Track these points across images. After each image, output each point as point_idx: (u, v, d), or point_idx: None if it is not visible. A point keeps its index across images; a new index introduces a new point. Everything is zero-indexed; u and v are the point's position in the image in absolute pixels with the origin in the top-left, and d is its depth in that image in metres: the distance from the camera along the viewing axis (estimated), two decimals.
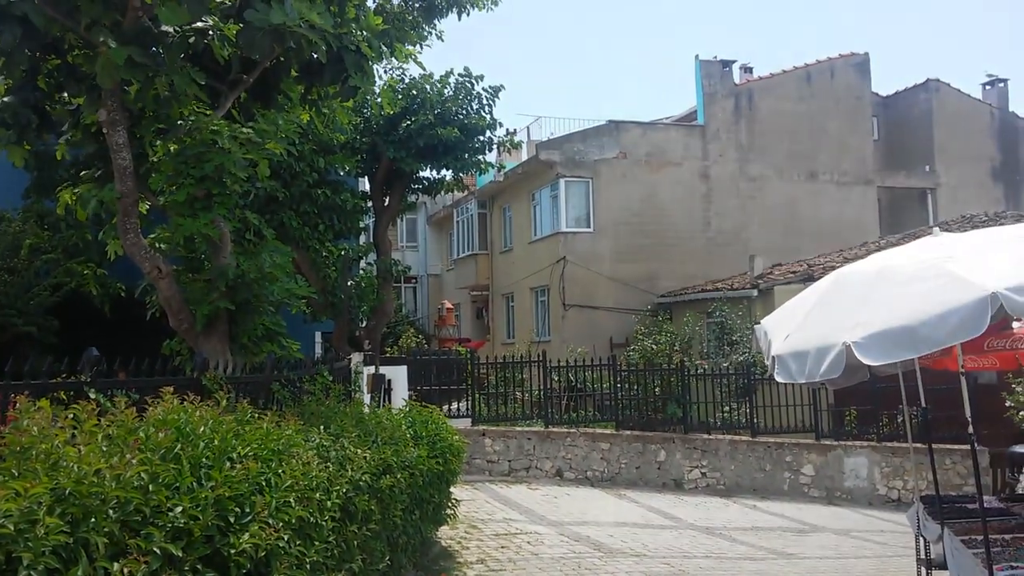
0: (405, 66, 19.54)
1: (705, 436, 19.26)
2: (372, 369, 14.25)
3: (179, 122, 10.77)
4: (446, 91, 19.84)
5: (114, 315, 17.93)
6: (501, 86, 20.40)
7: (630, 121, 29.11)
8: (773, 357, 6.89)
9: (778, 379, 6.81)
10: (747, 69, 31.98)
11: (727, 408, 20.19)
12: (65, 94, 11.59)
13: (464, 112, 19.84)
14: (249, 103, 12.33)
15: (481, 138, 20.35)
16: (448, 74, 20.02)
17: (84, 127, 11.51)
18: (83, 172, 12.95)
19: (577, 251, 27.91)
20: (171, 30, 9.99)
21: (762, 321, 8.20)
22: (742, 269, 27.23)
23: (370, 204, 20.86)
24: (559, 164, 28.00)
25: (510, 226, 32.85)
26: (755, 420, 19.68)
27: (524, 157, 31.16)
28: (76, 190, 12.45)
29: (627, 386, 19.98)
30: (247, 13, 9.26)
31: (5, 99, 11.20)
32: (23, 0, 9.22)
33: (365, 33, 11.64)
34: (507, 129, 23.03)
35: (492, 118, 20.35)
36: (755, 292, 23.27)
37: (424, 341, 32.81)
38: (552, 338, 27.98)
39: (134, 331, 15.70)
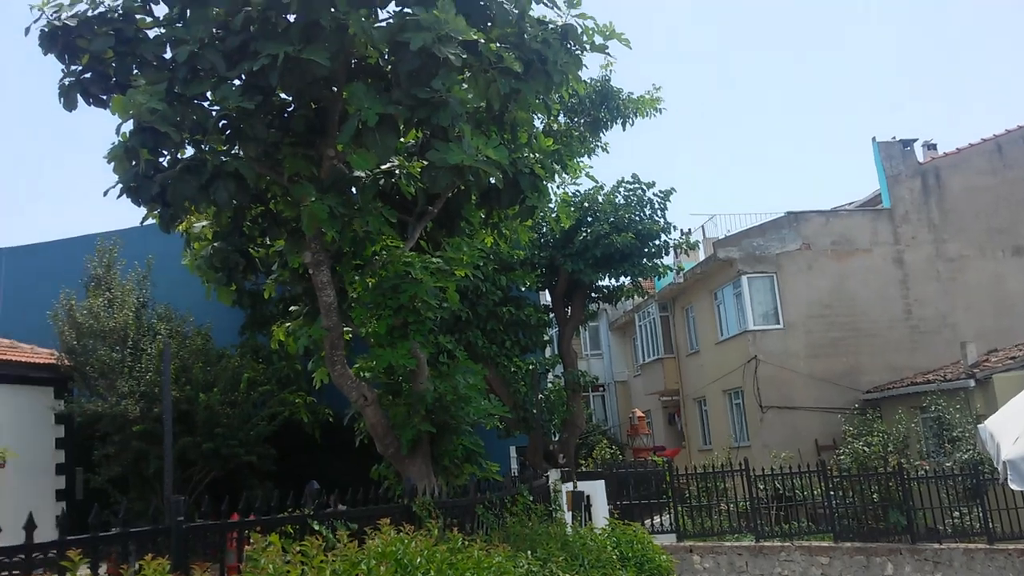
0: (577, 180, 20.11)
1: (936, 545, 17.50)
2: (570, 486, 14.16)
3: (374, 257, 11.51)
4: (618, 200, 20.15)
5: (324, 440, 18.95)
6: (672, 190, 20.51)
7: (810, 211, 28.26)
8: (1004, 462, 6.30)
9: (1013, 487, 6.19)
10: (930, 146, 30.51)
11: (956, 513, 18.36)
12: (267, 238, 12.72)
13: (637, 218, 20.01)
14: (435, 231, 13.04)
15: (656, 242, 20.39)
16: (619, 184, 20.39)
17: (290, 268, 12.53)
18: (291, 308, 14.04)
19: (768, 349, 26.92)
20: (363, 174, 10.82)
21: (985, 423, 7.55)
22: (952, 358, 25.24)
23: (552, 316, 21.20)
24: (739, 261, 27.44)
25: (694, 327, 32.27)
26: (991, 525, 17.76)
27: (701, 257, 30.79)
28: (287, 325, 13.47)
29: (841, 493, 18.68)
30: (429, 154, 9.89)
31: (215, 245, 12.43)
32: (236, 159, 10.32)
33: (537, 155, 12.14)
34: (681, 230, 22.97)
35: (666, 221, 20.41)
36: (972, 382, 21.39)
37: (618, 451, 32.33)
38: (751, 443, 26.79)
39: (344, 456, 16.51)
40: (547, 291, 22.07)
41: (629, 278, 20.82)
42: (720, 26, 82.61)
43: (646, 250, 20.23)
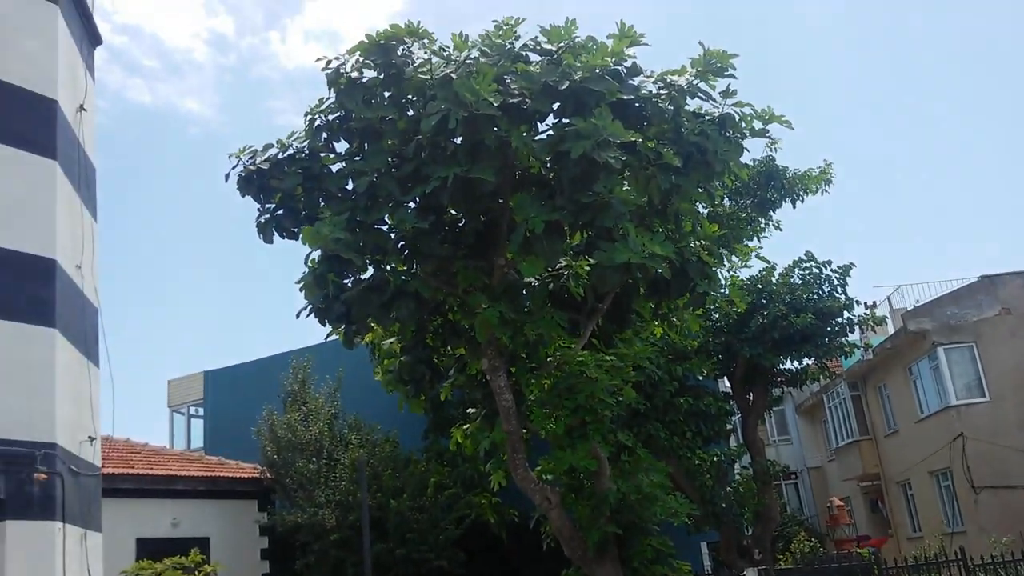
0: (748, 263, 19.72)
1: None
2: None
3: (548, 359, 11.70)
4: (793, 280, 19.56)
5: (511, 542, 18.99)
6: (851, 265, 19.69)
7: (1006, 273, 26.24)
8: None
9: None
10: None
11: None
12: (448, 347, 13.23)
13: (816, 297, 19.30)
14: (606, 327, 13.14)
15: (839, 320, 19.52)
16: (794, 264, 19.81)
17: (467, 373, 12.94)
18: (470, 411, 14.42)
19: (975, 424, 24.82)
20: (533, 279, 11.15)
21: None
22: None
23: (734, 404, 20.57)
24: (932, 332, 25.72)
25: (890, 406, 30.28)
26: None
27: (890, 331, 29.12)
28: (466, 428, 13.83)
29: None
30: (595, 254, 10.08)
31: (401, 359, 13.06)
32: (414, 276, 10.93)
33: (703, 242, 12.09)
34: (865, 304, 21.87)
35: (847, 298, 19.55)
36: None
37: (818, 544, 30.40)
38: (966, 528, 24.50)
39: (532, 558, 16.49)
40: (725, 378, 21.47)
41: (812, 359, 19.95)
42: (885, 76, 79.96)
43: (828, 329, 19.37)
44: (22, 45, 14.40)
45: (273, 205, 10.99)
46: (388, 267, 11.35)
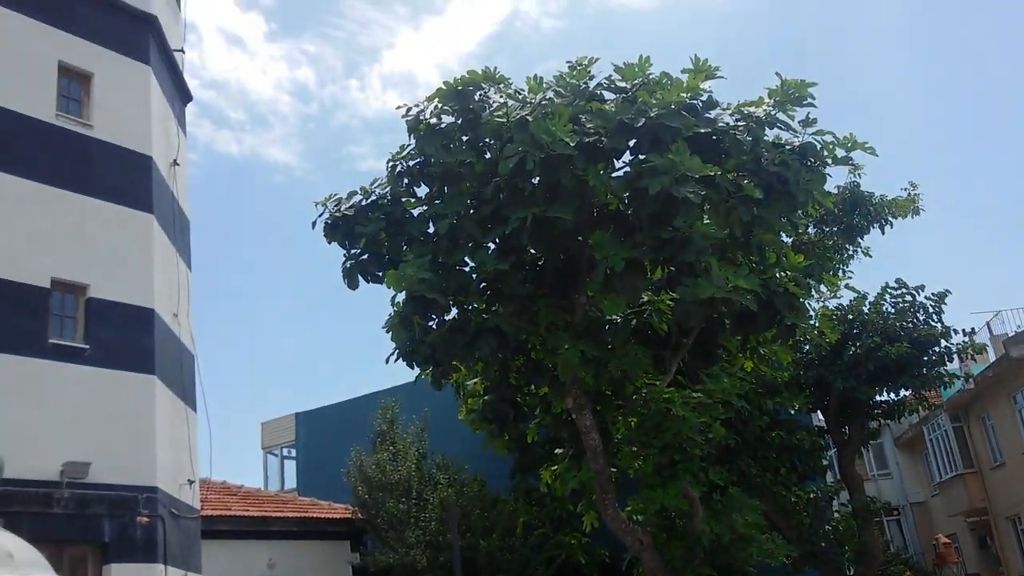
0: (837, 293, 19.17)
1: None
2: None
3: (634, 396, 11.58)
4: (885, 308, 18.91)
5: None
6: (946, 291, 18.92)
7: None
8: None
9: None
10: None
11: None
12: (531, 386, 13.21)
13: (910, 325, 18.59)
14: (692, 362, 12.92)
15: (936, 349, 18.75)
16: (884, 291, 19.17)
17: (553, 413, 12.88)
18: (557, 450, 14.33)
19: None
20: (615, 317, 11.08)
21: None
22: None
23: (828, 438, 19.90)
24: None
25: (995, 437, 28.85)
26: None
27: (991, 358, 27.84)
28: (555, 468, 13.73)
29: None
30: (679, 290, 9.97)
31: (485, 398, 13.09)
32: (496, 316, 10.99)
33: (789, 273, 11.82)
34: (963, 330, 20.94)
35: (943, 326, 18.77)
36: None
37: None
38: None
39: None
40: (819, 412, 20.81)
41: (910, 390, 19.19)
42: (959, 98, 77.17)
43: (925, 359, 18.62)
44: (118, 105, 15.21)
45: (358, 250, 11.24)
46: (471, 307, 11.45)
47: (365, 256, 11.23)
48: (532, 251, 11.32)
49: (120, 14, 15.61)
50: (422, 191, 11.42)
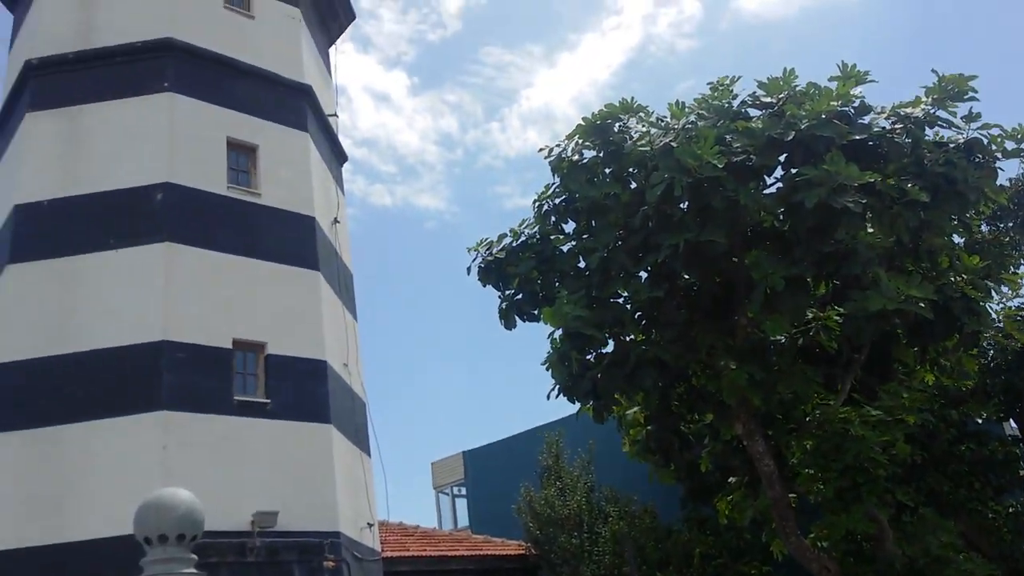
0: (1019, 291, 17.80)
1: None
2: None
3: (807, 418, 11.14)
4: None
5: None
6: None
7: None
8: None
9: None
10: None
11: None
12: (695, 414, 12.95)
13: None
14: (867, 379, 12.31)
15: None
16: None
17: (722, 440, 12.57)
18: (730, 479, 13.93)
19: None
20: (779, 336, 10.74)
21: None
22: None
23: None
24: None
25: None
26: None
27: None
28: (729, 497, 13.36)
29: None
30: (847, 305, 9.58)
31: (648, 428, 12.92)
32: (654, 345, 10.89)
33: (965, 276, 11.12)
34: None
35: None
36: None
37: None
38: None
39: None
40: (1011, 420, 19.29)
41: None
42: None
43: None
44: (282, 172, 16.22)
45: (512, 290, 11.45)
46: (628, 339, 11.39)
47: (520, 296, 11.42)
48: (686, 277, 11.18)
49: (279, 87, 16.70)
50: (570, 227, 11.53)
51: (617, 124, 10.87)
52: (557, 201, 11.26)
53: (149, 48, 15.41)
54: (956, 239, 13.60)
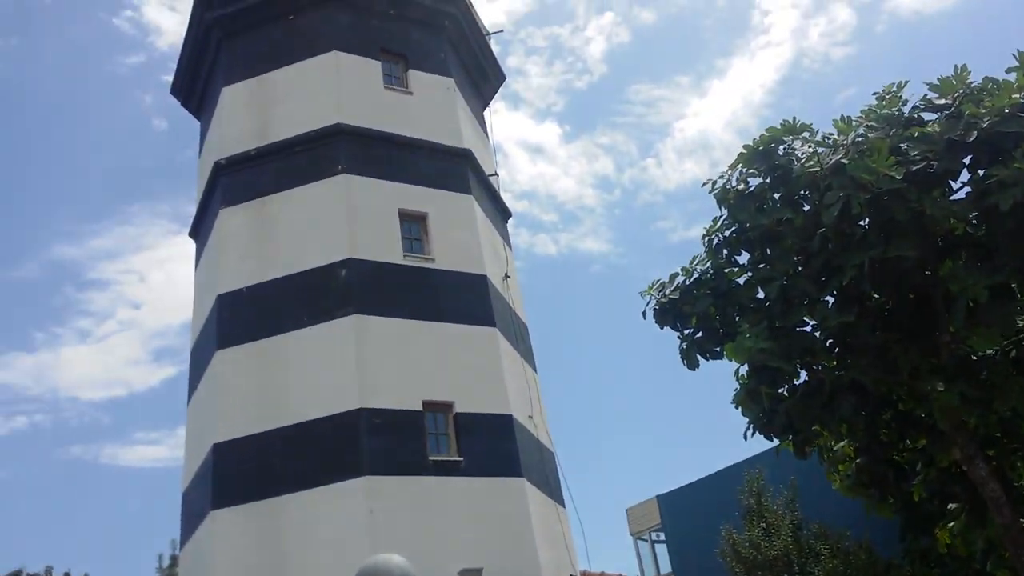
0: None
1: None
2: None
3: None
4: None
5: None
6: None
7: None
8: None
9: None
10: None
11: None
12: (907, 441, 12.08)
13: None
14: None
15: None
16: None
17: (938, 466, 11.66)
18: (949, 506, 12.87)
19: None
20: (989, 351, 9.92)
21: None
22: None
23: None
24: None
25: None
26: None
27: None
28: (951, 525, 12.32)
29: None
30: None
31: (857, 461, 12.15)
32: (850, 370, 10.31)
33: None
34: None
35: None
36: None
37: None
38: None
39: None
40: None
41: None
42: None
43: None
44: (452, 236, 16.82)
45: (691, 329, 11.22)
46: (820, 367, 10.86)
47: (700, 334, 11.16)
48: (876, 296, 10.56)
49: (441, 155, 17.44)
50: (744, 259, 11.21)
51: (781, 147, 10.52)
52: (727, 233, 10.97)
53: (322, 135, 16.53)
54: None
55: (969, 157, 9.18)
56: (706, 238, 11.06)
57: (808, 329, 10.58)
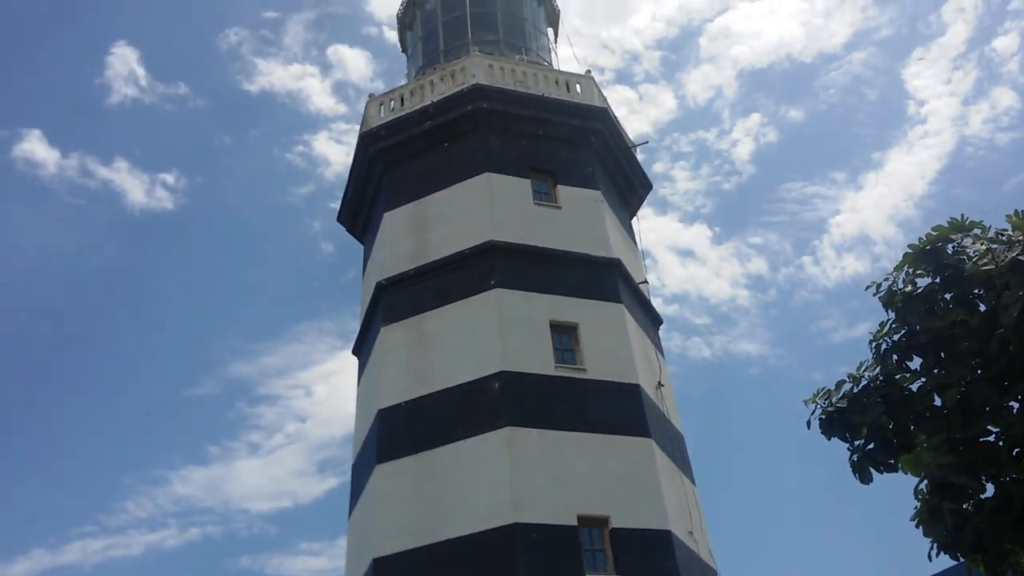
0: None
1: None
2: None
3: None
4: None
5: None
6: None
7: None
8: None
9: None
10: None
11: None
12: None
13: None
14: None
15: None
16: None
17: None
18: None
19: None
20: None
21: None
22: None
23: None
24: None
25: None
26: None
27: None
28: None
29: None
30: None
31: None
32: None
33: None
34: None
35: None
36: None
37: None
38: None
39: None
40: None
41: None
42: None
43: None
44: (603, 346, 16.78)
45: (862, 441, 10.59)
46: (1009, 479, 9.95)
47: (871, 445, 10.51)
48: None
49: (592, 266, 17.66)
50: (915, 364, 10.57)
51: (950, 246, 10.00)
52: (896, 338, 10.40)
53: (475, 253, 17.12)
54: None
55: None
56: (873, 343, 10.52)
57: (992, 438, 9.76)
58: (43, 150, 54.54)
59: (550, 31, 23.92)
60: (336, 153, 63.34)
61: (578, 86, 20.00)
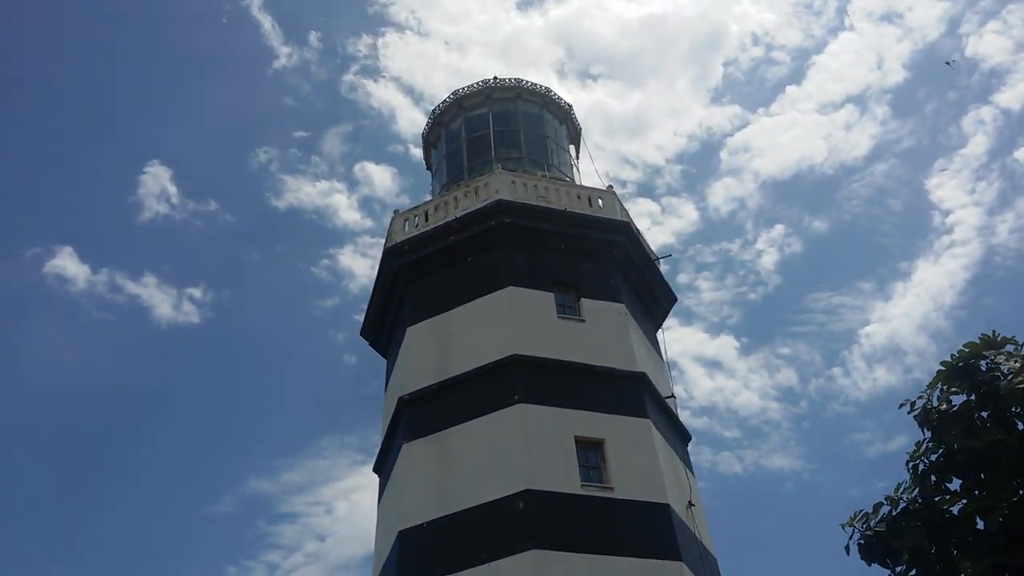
0: None
1: None
2: None
3: None
4: None
5: None
6: None
7: None
8: None
9: None
10: None
11: None
12: None
13: None
14: None
15: None
16: None
17: None
18: None
19: None
20: None
21: None
22: None
23: None
24: None
25: None
26: None
27: None
28: None
29: None
30: None
31: None
32: None
33: None
34: None
35: None
36: None
37: None
38: None
39: None
40: None
41: None
42: None
43: None
44: (630, 463, 16.34)
45: (903, 567, 10.10)
46: None
47: (913, 571, 10.02)
48: None
49: (616, 380, 17.40)
50: (955, 484, 10.17)
51: (983, 362, 9.77)
52: (933, 457, 10.05)
53: (499, 367, 16.96)
54: None
55: None
56: (911, 463, 10.16)
57: None
58: (74, 266, 55.32)
59: (572, 148, 24.37)
60: (361, 266, 64.19)
61: (600, 200, 20.23)
